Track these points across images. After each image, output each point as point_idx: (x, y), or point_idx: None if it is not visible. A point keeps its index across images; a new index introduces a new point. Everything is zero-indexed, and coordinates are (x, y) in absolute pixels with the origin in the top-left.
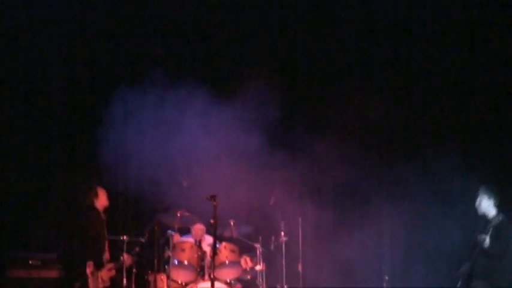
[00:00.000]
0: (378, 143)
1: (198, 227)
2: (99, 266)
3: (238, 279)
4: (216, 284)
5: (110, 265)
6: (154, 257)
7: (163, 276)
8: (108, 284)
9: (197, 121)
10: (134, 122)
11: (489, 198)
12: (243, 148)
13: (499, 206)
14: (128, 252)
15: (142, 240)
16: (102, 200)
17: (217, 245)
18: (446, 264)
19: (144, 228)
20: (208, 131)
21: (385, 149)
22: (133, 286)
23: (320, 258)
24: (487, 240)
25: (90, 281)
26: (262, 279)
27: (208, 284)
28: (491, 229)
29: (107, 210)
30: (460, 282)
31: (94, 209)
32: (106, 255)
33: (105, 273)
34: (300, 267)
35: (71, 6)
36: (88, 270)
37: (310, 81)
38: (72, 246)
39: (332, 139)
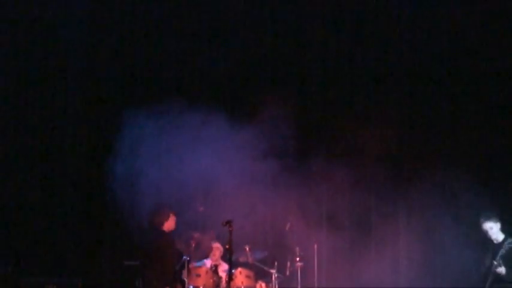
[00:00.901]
0: (393, 167)
1: (217, 246)
2: None
3: None
4: None
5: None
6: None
7: None
8: None
9: (213, 147)
10: (148, 147)
11: (496, 222)
12: (258, 173)
13: (505, 230)
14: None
15: None
16: (171, 224)
17: (233, 271)
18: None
19: None
20: (224, 157)
21: (401, 174)
22: None
23: (335, 284)
24: (502, 269)
25: None
26: None
27: None
28: (503, 256)
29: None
30: None
31: (165, 232)
32: None
33: None
34: None
35: (84, 29)
36: None
37: (327, 106)
38: (149, 271)
39: (348, 165)
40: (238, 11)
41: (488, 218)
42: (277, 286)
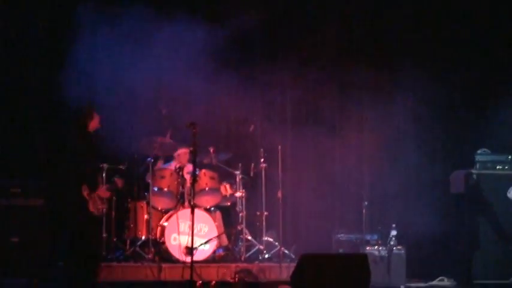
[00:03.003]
0: (358, 65)
1: (184, 151)
2: (94, 188)
3: (218, 206)
4: (196, 210)
5: (105, 186)
6: (134, 184)
7: (143, 204)
8: (105, 205)
9: (177, 50)
10: (108, 47)
11: None
12: (222, 75)
13: None
14: (108, 179)
15: (122, 167)
16: (95, 123)
17: (197, 172)
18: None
19: (123, 156)
20: (187, 58)
21: (365, 71)
22: (113, 213)
23: (300, 184)
24: None
25: (90, 203)
26: (242, 205)
27: (188, 210)
28: None
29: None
30: None
31: (86, 131)
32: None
33: (103, 193)
34: (279, 194)
35: None
36: (85, 193)
37: (291, 7)
38: (64, 170)
39: (313, 66)
40: None
41: None
42: (241, 187)
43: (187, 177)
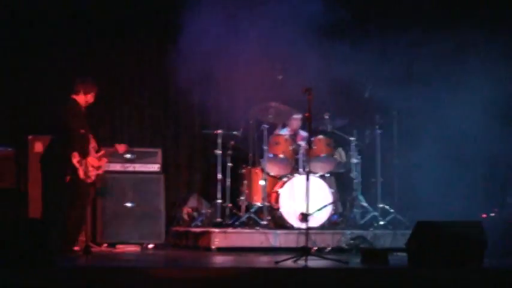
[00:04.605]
0: (476, 25)
1: (298, 117)
2: (84, 155)
3: (333, 173)
4: (311, 177)
5: (98, 154)
6: (249, 151)
7: (258, 170)
8: (101, 170)
9: (290, 13)
10: (222, 16)
11: None
12: (337, 40)
13: None
14: (223, 146)
15: (237, 134)
16: (91, 96)
17: (312, 139)
18: None
19: (238, 122)
20: (302, 23)
21: (485, 31)
22: (228, 180)
23: (415, 151)
24: None
25: (80, 170)
26: (357, 172)
27: (303, 177)
28: None
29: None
30: None
31: (74, 100)
32: (93, 144)
33: (94, 161)
34: (395, 160)
35: None
36: (74, 161)
37: None
38: (55, 140)
39: (430, 25)
40: None
41: None
42: (356, 154)
43: (302, 143)
